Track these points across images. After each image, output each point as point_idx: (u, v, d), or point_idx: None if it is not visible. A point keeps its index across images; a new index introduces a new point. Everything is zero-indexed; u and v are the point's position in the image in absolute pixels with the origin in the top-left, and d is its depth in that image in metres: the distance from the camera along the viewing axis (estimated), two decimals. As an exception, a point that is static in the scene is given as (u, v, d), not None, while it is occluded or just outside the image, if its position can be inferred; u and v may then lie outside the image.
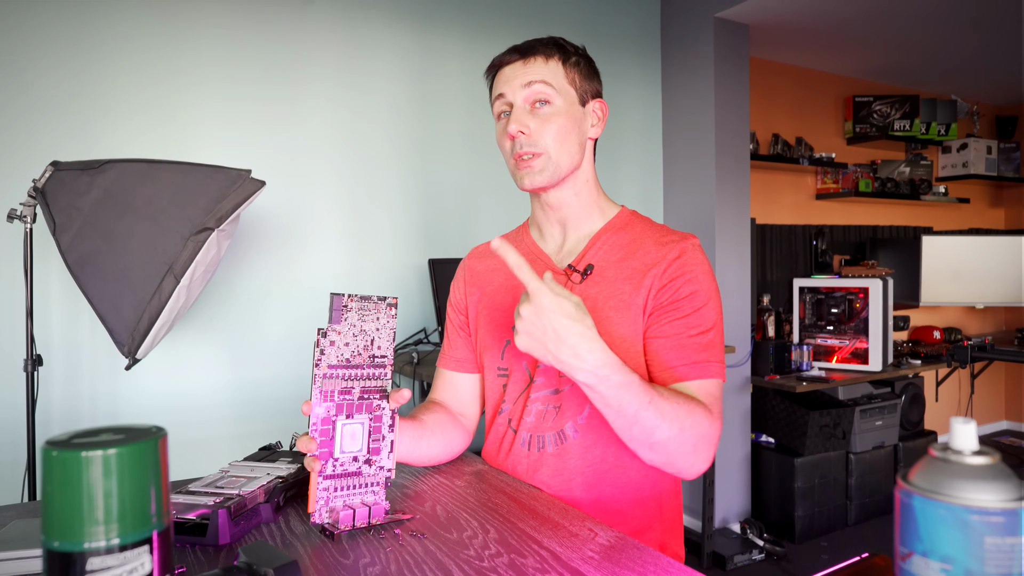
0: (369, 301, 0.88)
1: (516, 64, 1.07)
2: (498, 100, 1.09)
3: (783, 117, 3.79)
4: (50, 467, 0.48)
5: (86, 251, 1.58)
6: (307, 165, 2.37)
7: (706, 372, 1.00)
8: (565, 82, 1.07)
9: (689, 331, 1.01)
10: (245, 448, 2.12)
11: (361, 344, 0.87)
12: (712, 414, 0.95)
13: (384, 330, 0.89)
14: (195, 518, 0.79)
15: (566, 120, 1.06)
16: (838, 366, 3.07)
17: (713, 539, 2.86)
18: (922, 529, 0.47)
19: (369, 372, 0.88)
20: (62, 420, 2.02)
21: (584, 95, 1.10)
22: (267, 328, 2.32)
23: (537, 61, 1.07)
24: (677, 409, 0.90)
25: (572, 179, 1.10)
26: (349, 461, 0.86)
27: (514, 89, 1.07)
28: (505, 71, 1.09)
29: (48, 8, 2.02)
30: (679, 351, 1.01)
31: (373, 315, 0.88)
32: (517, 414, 1.11)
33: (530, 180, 1.07)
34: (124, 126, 2.11)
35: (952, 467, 0.47)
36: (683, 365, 1.00)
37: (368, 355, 0.88)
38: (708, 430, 0.93)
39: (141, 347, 1.60)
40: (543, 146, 1.05)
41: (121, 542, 0.48)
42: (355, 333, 0.87)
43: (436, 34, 2.61)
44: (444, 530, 0.83)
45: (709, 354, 1.01)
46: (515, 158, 1.07)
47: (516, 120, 1.05)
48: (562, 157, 1.07)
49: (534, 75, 1.06)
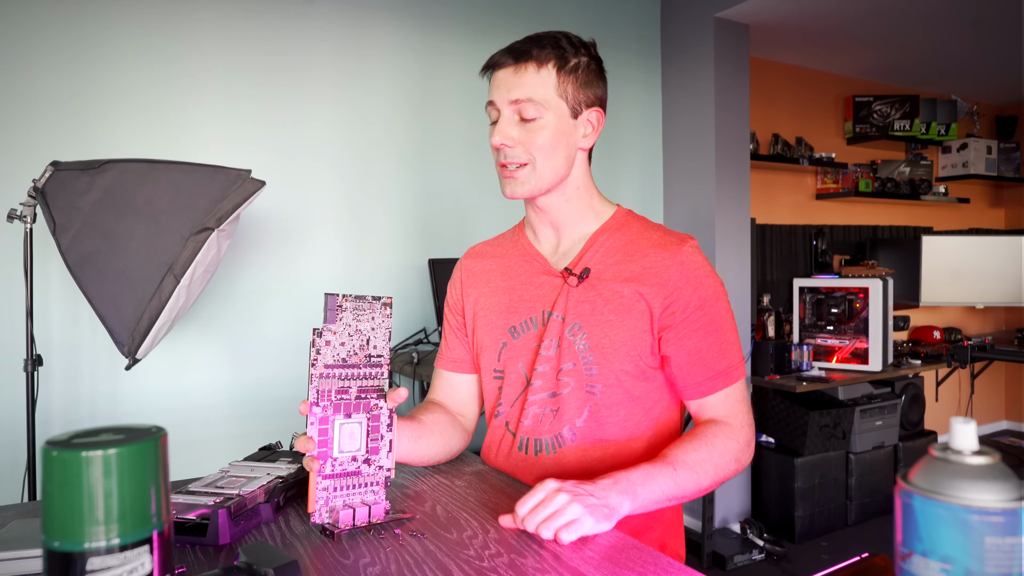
0: (364, 301, 0.88)
1: (507, 70, 1.04)
2: (489, 107, 1.07)
3: (783, 117, 3.79)
4: (50, 467, 0.48)
5: (86, 251, 1.58)
6: (307, 165, 2.37)
7: (727, 380, 1.03)
8: (555, 95, 1.03)
9: (706, 340, 1.02)
10: (245, 448, 2.12)
11: (357, 344, 0.87)
12: (734, 426, 1.01)
13: (379, 330, 0.89)
14: (195, 518, 0.79)
15: (553, 134, 1.04)
16: (838, 366, 3.07)
17: (713, 539, 2.85)
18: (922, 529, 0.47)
19: (366, 371, 0.88)
20: (62, 420, 2.02)
21: (577, 106, 1.06)
22: (267, 328, 2.32)
23: (528, 70, 1.02)
24: (701, 454, 0.96)
25: (560, 188, 1.09)
26: (348, 461, 0.86)
27: (502, 99, 1.04)
28: (498, 75, 1.05)
29: (48, 8, 2.02)
30: (699, 366, 1.03)
31: (368, 315, 0.88)
32: (515, 417, 1.11)
33: (511, 190, 1.06)
34: (124, 126, 2.11)
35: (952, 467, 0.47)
36: (706, 380, 1.03)
37: (364, 355, 0.88)
38: (737, 445, 1.00)
39: (141, 347, 1.60)
40: (527, 158, 1.04)
41: (121, 542, 0.48)
42: (350, 333, 0.87)
43: (436, 34, 2.61)
44: (444, 530, 0.83)
45: (728, 360, 1.03)
46: (500, 166, 1.07)
47: (500, 132, 1.04)
48: (546, 170, 1.05)
49: (520, 91, 1.02)
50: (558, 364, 1.06)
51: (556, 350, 1.06)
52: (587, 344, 1.04)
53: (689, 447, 0.96)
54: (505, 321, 1.12)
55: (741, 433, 1.01)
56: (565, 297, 1.07)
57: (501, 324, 1.13)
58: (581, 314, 1.05)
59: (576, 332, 1.05)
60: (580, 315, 1.05)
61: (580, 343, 1.04)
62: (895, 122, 3.98)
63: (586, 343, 1.04)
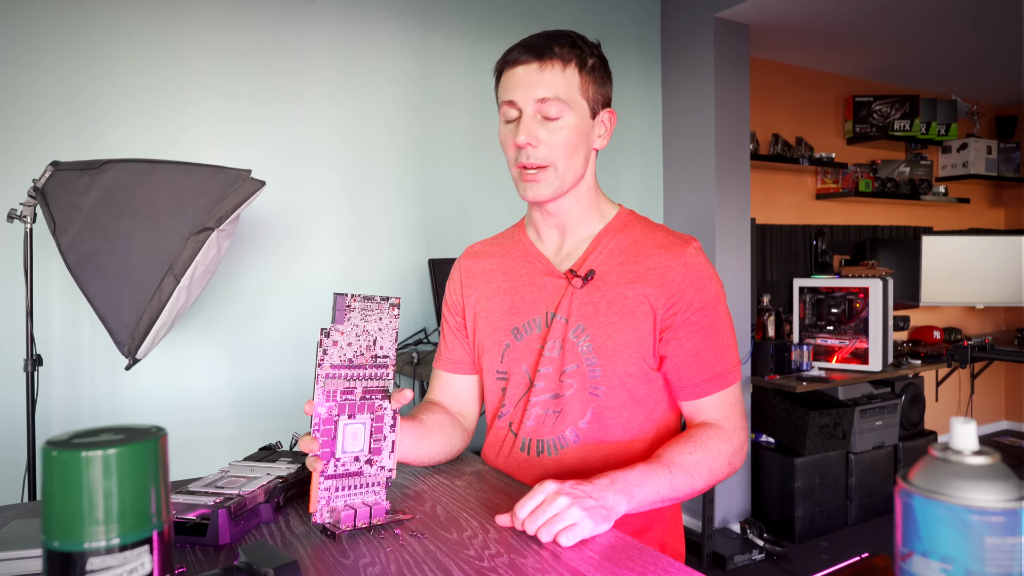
0: (372, 301, 0.88)
1: (531, 67, 1.01)
2: (507, 105, 1.04)
3: (783, 117, 3.79)
4: (50, 467, 0.48)
5: (86, 251, 1.58)
6: (307, 165, 2.37)
7: (723, 382, 1.03)
8: (579, 94, 1.02)
9: (704, 343, 1.03)
10: (245, 448, 2.12)
11: (364, 344, 0.87)
12: (728, 430, 1.02)
13: (386, 330, 0.89)
14: (195, 518, 0.79)
15: (576, 135, 1.02)
16: (838, 366, 3.07)
17: (713, 539, 2.85)
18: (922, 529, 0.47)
19: (371, 372, 0.88)
20: (62, 420, 2.02)
21: (596, 107, 1.05)
22: (267, 328, 2.32)
23: (555, 68, 1.00)
24: (696, 456, 0.96)
25: (575, 190, 1.08)
26: (351, 461, 0.86)
27: (526, 97, 1.01)
28: (518, 72, 1.02)
29: (48, 8, 2.02)
30: (696, 368, 1.03)
31: (376, 315, 0.88)
32: (517, 418, 1.10)
33: (534, 193, 1.04)
34: (124, 126, 2.11)
35: (952, 467, 0.47)
36: (702, 382, 1.03)
37: (371, 355, 0.88)
38: (731, 448, 1.00)
39: (141, 347, 1.60)
40: (551, 159, 1.02)
41: (121, 542, 0.48)
42: (358, 333, 0.87)
43: (437, 34, 2.61)
44: (444, 530, 0.83)
45: (725, 363, 1.04)
46: (519, 167, 1.04)
47: (525, 130, 1.01)
48: (568, 171, 1.04)
49: (550, 89, 1.00)
50: (561, 366, 1.06)
51: (559, 352, 1.06)
52: (590, 346, 1.04)
53: (684, 449, 0.96)
54: (508, 322, 1.12)
55: (735, 437, 1.02)
56: (568, 299, 1.07)
57: (504, 325, 1.12)
58: (585, 316, 1.05)
59: (580, 334, 1.05)
60: (584, 317, 1.05)
61: (584, 345, 1.04)
62: (895, 122, 3.98)
63: (589, 345, 1.04)
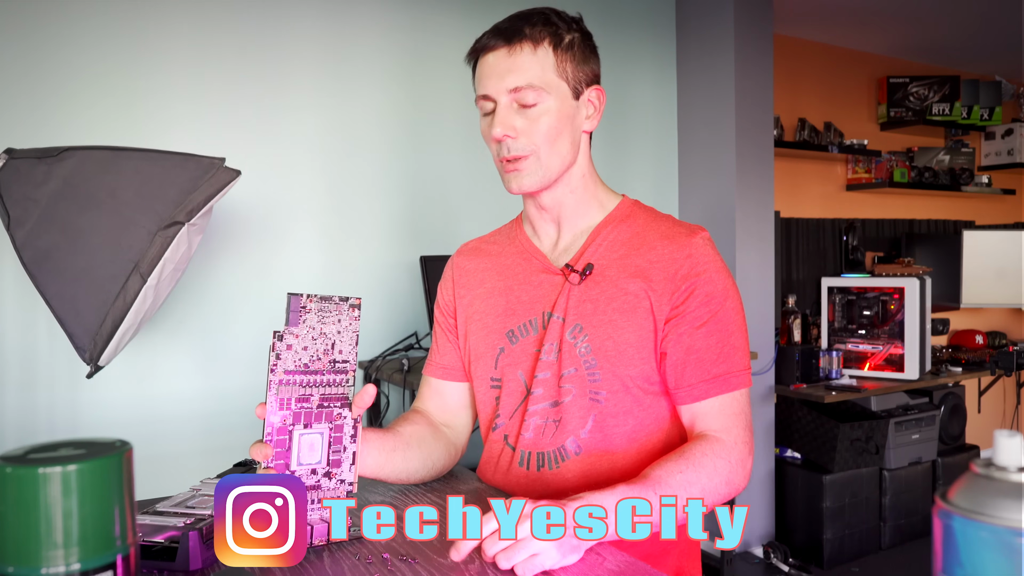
0: (330, 302, 0.88)
1: (500, 52, 1.03)
2: (481, 99, 1.06)
3: (810, 100, 3.79)
4: (4, 485, 0.48)
5: (43, 247, 1.58)
6: (287, 153, 2.37)
7: (726, 386, 1.02)
8: (555, 75, 1.03)
9: (707, 340, 1.02)
10: (218, 464, 2.11)
11: (321, 348, 0.88)
12: (726, 443, 0.98)
13: (346, 333, 0.89)
14: (163, 541, 0.79)
15: (557, 119, 1.03)
16: (870, 374, 3.07)
17: (733, 564, 2.85)
18: (963, 553, 0.47)
19: (329, 378, 0.89)
20: (17, 433, 2.02)
21: (578, 86, 1.06)
22: (242, 332, 2.32)
23: (524, 51, 1.02)
24: (688, 476, 0.92)
25: (566, 178, 1.09)
26: (307, 474, 0.87)
27: (497, 88, 1.03)
28: (488, 60, 1.04)
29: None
30: (695, 366, 1.02)
31: (334, 317, 0.89)
32: (514, 430, 1.10)
33: (518, 184, 1.06)
34: (85, 110, 2.10)
35: (996, 485, 0.47)
36: (702, 382, 1.02)
37: (328, 360, 0.88)
38: (728, 465, 0.97)
39: (104, 353, 1.60)
40: (531, 148, 1.03)
41: (82, 567, 0.48)
42: (314, 336, 0.87)
43: (428, 9, 2.61)
44: (437, 554, 0.83)
45: (729, 364, 1.02)
46: (501, 161, 1.06)
47: (500, 122, 1.02)
48: (552, 159, 1.05)
49: (520, 76, 1.01)
50: (559, 370, 1.06)
51: (557, 355, 1.06)
52: (589, 347, 1.04)
53: (673, 467, 0.93)
54: (502, 325, 1.12)
55: (734, 451, 0.98)
56: (566, 296, 1.07)
57: (498, 328, 1.13)
58: (582, 314, 1.05)
59: (577, 334, 1.05)
60: (581, 315, 1.05)
61: (582, 346, 1.04)
62: (933, 105, 3.99)
63: (588, 346, 1.04)
